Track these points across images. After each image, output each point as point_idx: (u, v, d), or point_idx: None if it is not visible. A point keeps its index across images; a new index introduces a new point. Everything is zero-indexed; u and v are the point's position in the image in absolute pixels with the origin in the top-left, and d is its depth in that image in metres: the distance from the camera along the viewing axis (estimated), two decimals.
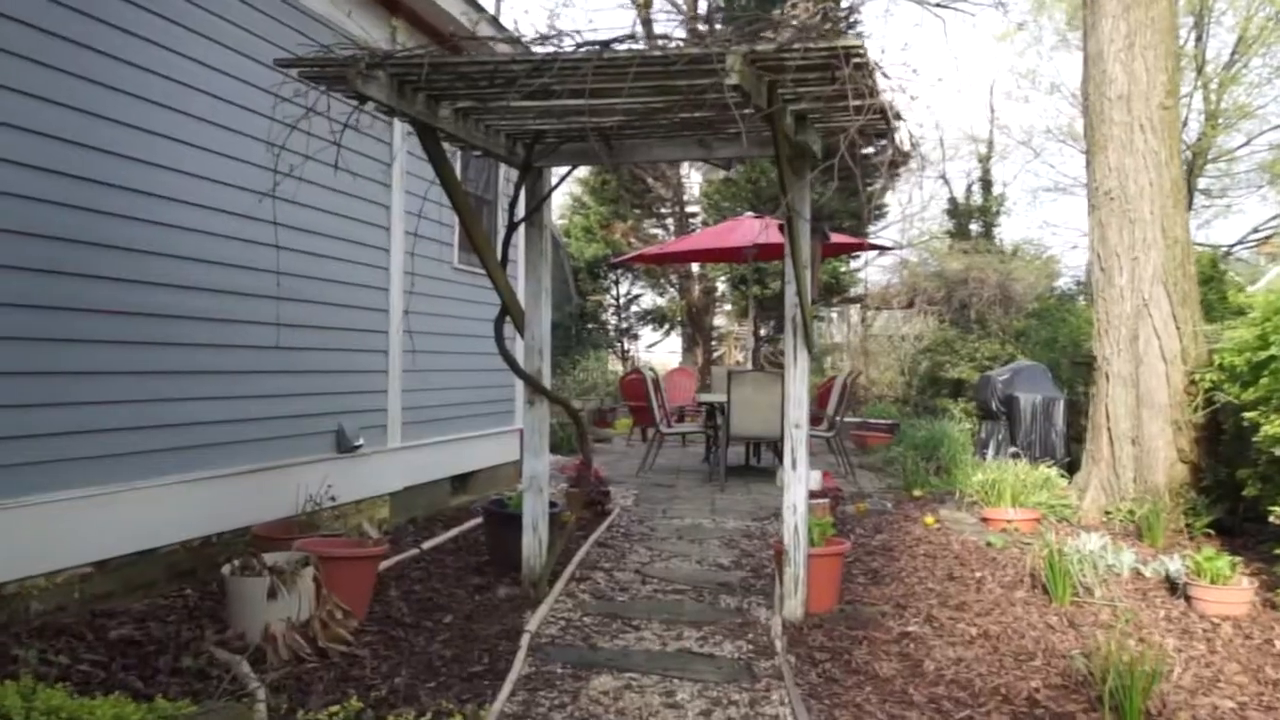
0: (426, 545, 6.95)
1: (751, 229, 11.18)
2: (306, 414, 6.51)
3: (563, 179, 5.86)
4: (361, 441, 6.96)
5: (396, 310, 7.49)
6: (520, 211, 5.69)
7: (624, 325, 24.14)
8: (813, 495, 8.34)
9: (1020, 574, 6.59)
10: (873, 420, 15.24)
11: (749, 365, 20.27)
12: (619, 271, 23.52)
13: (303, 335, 6.45)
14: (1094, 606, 5.82)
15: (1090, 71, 8.43)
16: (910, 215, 27.74)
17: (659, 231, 23.43)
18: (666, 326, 23.65)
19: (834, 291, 21.26)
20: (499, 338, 5.68)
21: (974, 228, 26.51)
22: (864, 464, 12.34)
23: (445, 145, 5.46)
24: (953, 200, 28.68)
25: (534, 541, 5.89)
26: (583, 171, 23.73)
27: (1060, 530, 7.99)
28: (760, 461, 12.64)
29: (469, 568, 6.47)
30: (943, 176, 31.02)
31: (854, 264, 22.01)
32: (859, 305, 23.11)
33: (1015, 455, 10.25)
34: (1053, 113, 39.54)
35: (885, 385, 18.66)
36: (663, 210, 23.39)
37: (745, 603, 5.87)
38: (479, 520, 7.44)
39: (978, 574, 6.63)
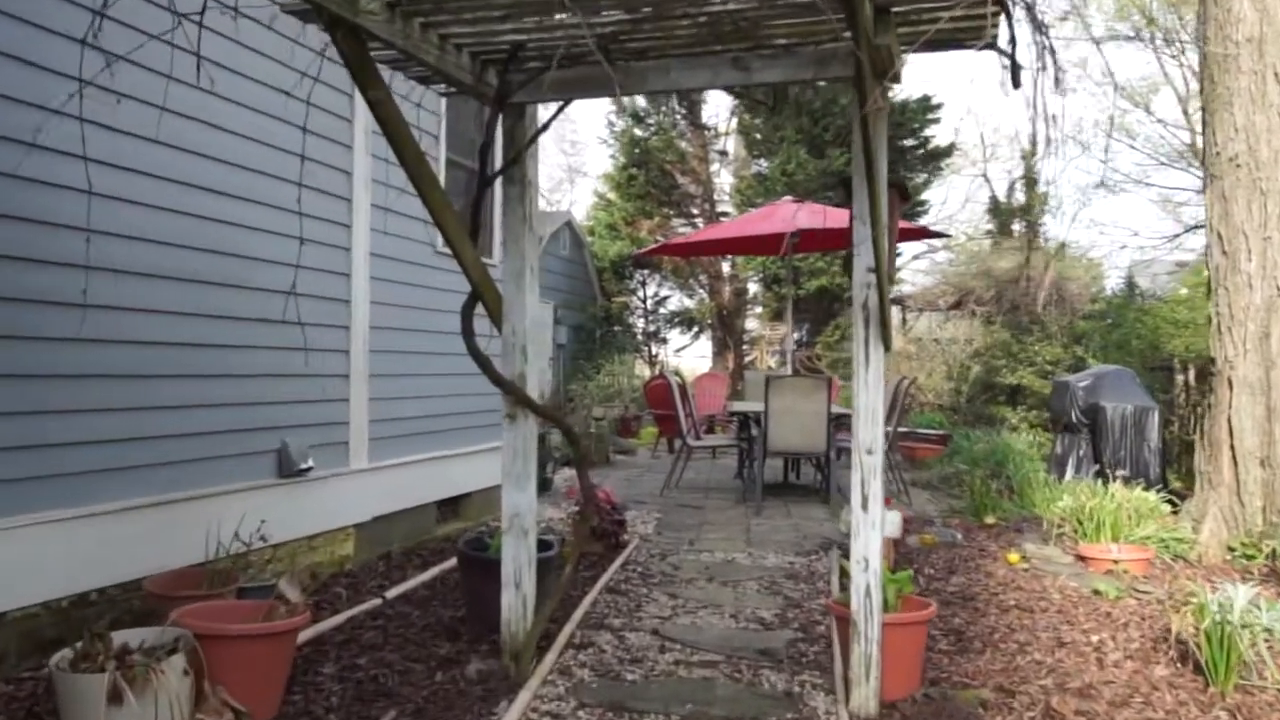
0: (392, 593, 5.45)
1: (790, 215, 9.62)
2: (234, 429, 5.03)
3: (553, 117, 4.32)
4: (311, 463, 5.47)
5: (362, 300, 6.00)
6: (495, 162, 4.18)
7: (652, 328, 22.58)
8: None
9: (1150, 637, 4.99)
10: (921, 430, 13.58)
11: (782, 371, 18.68)
12: (646, 272, 21.98)
13: (230, 329, 4.98)
14: (1267, 693, 4.21)
15: (1210, 11, 6.79)
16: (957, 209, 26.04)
17: (688, 230, 21.86)
18: (696, 329, 22.07)
19: None
20: (467, 331, 4.17)
21: (1015, 228, 24.84)
22: (915, 480, 10.70)
23: (398, 77, 4.00)
24: (994, 199, 26.98)
25: (516, 601, 4.36)
26: (607, 165, 22.27)
27: (1181, 573, 6.36)
28: (799, 478, 11.07)
29: (439, 626, 4.95)
30: (984, 175, 29.33)
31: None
32: (900, 307, 21.47)
33: (1101, 474, 8.60)
34: (1105, 105, 37.33)
35: (931, 392, 17.01)
36: (692, 209, 21.83)
37: (796, 684, 4.30)
38: None
39: (1094, 638, 5.03)
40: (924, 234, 10.69)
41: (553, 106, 4.39)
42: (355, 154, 5.90)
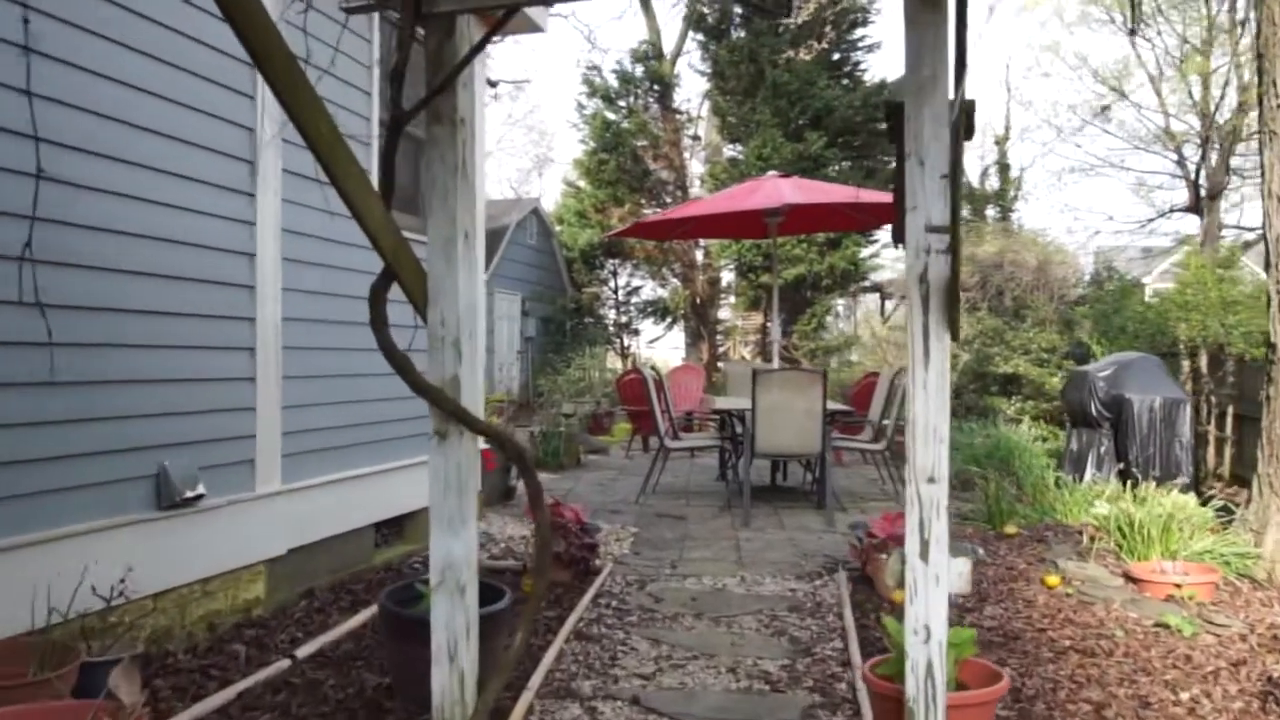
0: (304, 651, 4.25)
1: (777, 190, 8.48)
2: (92, 451, 3.81)
3: (496, 28, 3.14)
4: (202, 489, 4.27)
5: (271, 285, 4.80)
6: (411, 90, 3.00)
7: (623, 320, 21.41)
8: (888, 544, 5.69)
9: (1253, 692, 3.91)
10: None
11: (758, 362, 17.57)
12: (617, 261, 20.82)
13: (84, 323, 3.77)
14: None
15: None
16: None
17: None
18: (669, 320, 20.91)
19: (851, 279, 18.54)
20: (377, 322, 3.00)
21: (990, 213, 23.96)
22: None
23: None
24: (968, 185, 26.06)
25: (451, 680, 3.19)
26: (576, 150, 21.05)
27: (1251, 597, 5.31)
28: (787, 479, 9.97)
29: (359, 700, 3.76)
30: None
31: (867, 250, 19.13)
32: (878, 294, 20.45)
33: (1125, 474, 7.56)
34: (1077, 87, 36.69)
35: None
36: (665, 197, 20.65)
37: None
38: None
39: (1184, 695, 3.93)
40: None
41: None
42: (260, 106, 4.68)
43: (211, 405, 4.44)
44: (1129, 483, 7.04)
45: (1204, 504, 6.46)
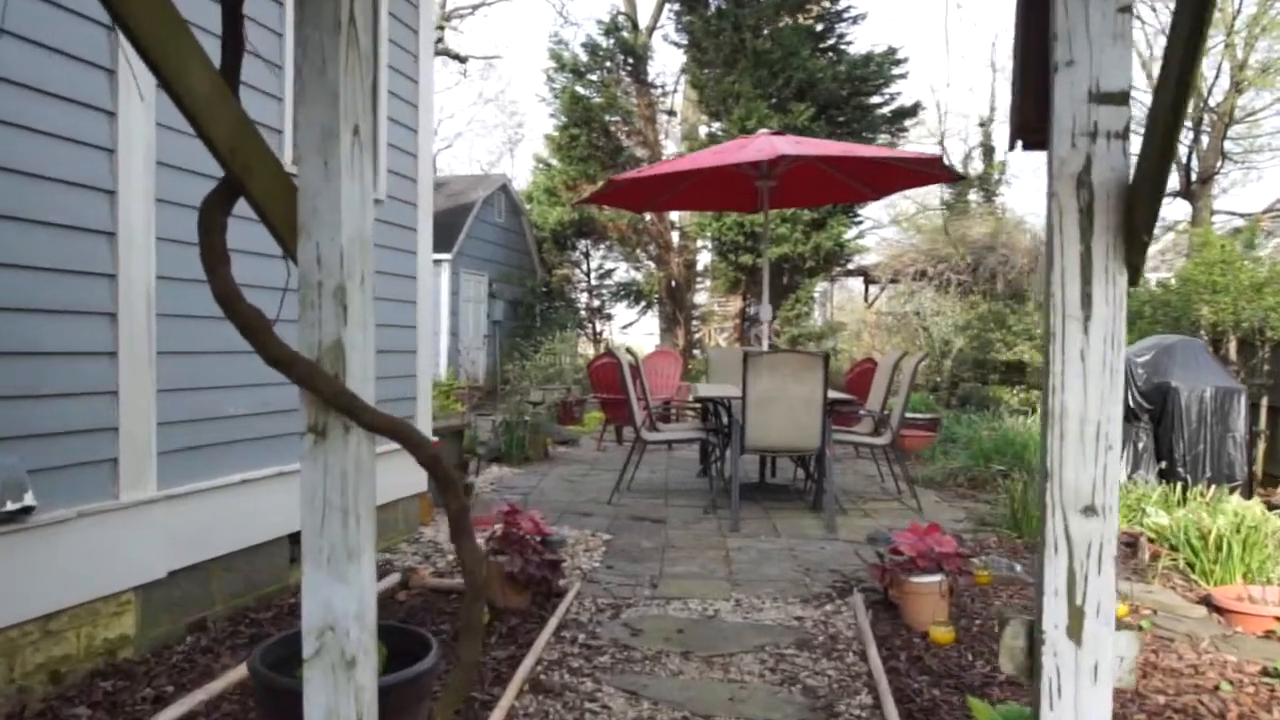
0: (170, 714, 3.16)
1: (770, 145, 7.40)
2: None
3: None
4: (29, 500, 3.16)
5: (140, 235, 3.68)
6: None
7: (596, 304, 20.31)
8: (919, 563, 4.67)
9: None
10: (907, 415, 11.50)
11: (734, 347, 16.55)
12: (589, 241, 19.72)
13: None
14: None
15: None
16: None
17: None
18: (643, 305, 19.83)
19: (835, 261, 17.53)
20: (210, 256, 1.93)
21: (973, 197, 23.11)
22: (913, 477, 8.61)
23: None
24: (950, 168, 25.20)
25: None
26: (548, 126, 19.92)
27: None
28: (775, 474, 8.94)
29: None
30: (940, 143, 27.51)
31: (852, 231, 18.09)
32: (863, 277, 19.49)
33: (1167, 473, 6.58)
34: None
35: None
36: None
37: None
38: None
39: None
40: (942, 173, 8.51)
41: None
42: None
43: (52, 388, 3.33)
44: (1179, 485, 6.07)
45: None
